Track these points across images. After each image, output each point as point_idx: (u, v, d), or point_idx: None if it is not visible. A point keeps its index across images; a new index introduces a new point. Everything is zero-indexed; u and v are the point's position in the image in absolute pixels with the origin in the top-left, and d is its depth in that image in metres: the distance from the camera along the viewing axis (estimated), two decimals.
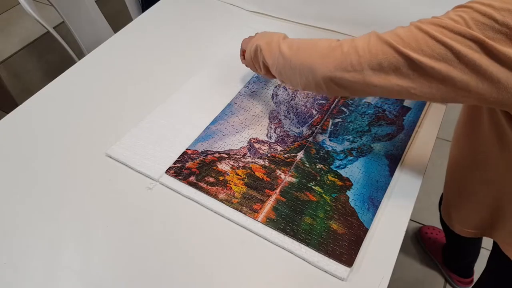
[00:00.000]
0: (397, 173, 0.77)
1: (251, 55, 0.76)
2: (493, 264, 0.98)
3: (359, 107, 0.89)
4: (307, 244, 0.66)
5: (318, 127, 0.85)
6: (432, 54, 0.50)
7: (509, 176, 0.66)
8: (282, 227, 0.68)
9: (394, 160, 0.78)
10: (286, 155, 0.79)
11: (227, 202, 0.71)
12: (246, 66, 0.83)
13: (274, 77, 0.74)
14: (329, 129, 0.84)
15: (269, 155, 0.79)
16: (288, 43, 0.68)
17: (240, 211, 0.70)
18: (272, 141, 0.82)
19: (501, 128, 0.62)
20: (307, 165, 0.77)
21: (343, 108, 0.88)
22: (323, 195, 0.73)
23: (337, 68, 0.57)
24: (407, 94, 0.54)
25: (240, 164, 0.77)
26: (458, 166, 0.78)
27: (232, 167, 0.77)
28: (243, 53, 0.84)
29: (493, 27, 0.46)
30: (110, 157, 0.79)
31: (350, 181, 0.75)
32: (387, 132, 0.84)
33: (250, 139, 0.82)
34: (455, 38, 0.48)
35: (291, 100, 0.91)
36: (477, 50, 0.47)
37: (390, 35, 0.53)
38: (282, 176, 0.76)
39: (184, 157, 0.79)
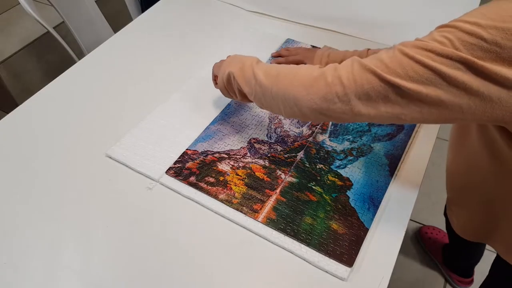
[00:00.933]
0: (397, 173, 0.77)
1: (224, 83, 0.73)
2: (494, 270, 0.98)
3: None
4: (308, 244, 0.66)
5: (318, 127, 0.85)
6: (420, 80, 0.48)
7: (501, 184, 0.65)
8: (282, 227, 0.68)
9: (394, 160, 0.78)
10: (286, 155, 0.79)
11: (227, 202, 0.71)
12: (220, 91, 0.79)
13: (251, 101, 0.71)
14: (329, 129, 0.84)
15: (269, 155, 0.79)
16: (264, 70, 0.65)
17: (241, 211, 0.70)
18: (272, 141, 0.82)
19: (490, 137, 0.61)
20: (307, 165, 0.77)
21: None
22: (324, 195, 0.73)
23: (322, 100, 0.55)
24: (398, 120, 0.53)
25: (240, 164, 0.77)
26: (454, 172, 0.78)
27: (232, 167, 0.77)
28: (215, 78, 0.80)
29: (482, 46, 0.44)
30: (110, 157, 0.79)
31: (350, 181, 0.75)
32: (387, 132, 0.84)
33: (250, 139, 0.82)
34: (442, 61, 0.46)
35: None
36: (466, 72, 0.45)
37: (374, 62, 0.51)
38: (282, 176, 0.76)
39: (184, 157, 0.79)
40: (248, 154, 0.79)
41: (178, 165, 0.77)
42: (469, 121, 0.51)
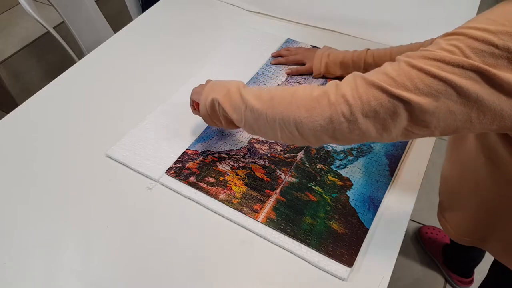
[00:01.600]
0: (397, 173, 0.77)
1: (207, 110, 0.68)
2: (492, 272, 0.98)
3: None
4: (308, 244, 0.66)
5: None
6: (430, 92, 0.45)
7: (502, 190, 0.65)
8: (282, 227, 0.68)
9: (394, 160, 0.78)
10: (286, 155, 0.79)
11: (227, 202, 0.71)
12: (203, 118, 0.74)
13: (237, 127, 0.68)
14: None
15: (269, 155, 0.79)
16: (254, 94, 0.61)
17: (241, 211, 0.70)
18: (272, 141, 0.82)
19: (489, 144, 0.60)
20: (307, 165, 0.77)
21: None
22: (324, 195, 0.73)
23: (327, 122, 0.52)
24: (406, 136, 0.51)
25: (240, 164, 0.77)
26: (449, 177, 0.77)
27: (232, 167, 0.77)
28: (194, 104, 0.76)
29: (493, 53, 0.43)
30: (110, 157, 0.79)
31: (350, 181, 0.75)
32: None
33: (250, 139, 0.82)
34: (453, 71, 0.44)
35: None
36: (478, 81, 0.43)
37: (379, 76, 0.49)
38: (282, 176, 0.76)
39: (184, 157, 0.79)
40: (248, 154, 0.79)
41: (178, 165, 0.77)
42: (477, 132, 0.49)
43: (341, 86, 0.52)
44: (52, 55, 1.74)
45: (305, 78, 0.96)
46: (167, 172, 0.76)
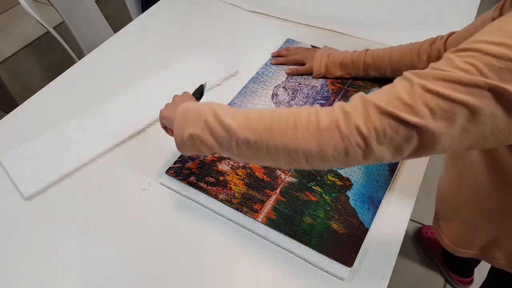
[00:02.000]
0: (397, 173, 0.77)
1: (186, 145, 0.60)
2: (492, 273, 0.97)
3: None
4: (307, 244, 0.66)
5: None
6: (446, 116, 0.43)
7: (498, 196, 0.64)
8: (282, 227, 0.68)
9: None
10: None
11: (227, 202, 0.71)
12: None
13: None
14: None
15: None
16: (245, 123, 0.54)
17: (240, 211, 0.70)
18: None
19: (494, 154, 0.59)
20: None
21: None
22: (323, 195, 0.73)
23: (342, 154, 0.49)
24: (418, 155, 0.49)
25: (240, 164, 0.77)
26: (447, 185, 0.77)
27: (232, 167, 0.77)
28: (164, 127, 0.70)
29: (511, 69, 0.41)
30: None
31: (350, 181, 0.75)
32: None
33: None
34: (470, 91, 0.42)
35: (291, 100, 0.91)
36: (493, 100, 0.42)
37: (393, 102, 0.46)
38: (282, 176, 0.76)
39: (184, 157, 0.79)
40: None
41: (178, 165, 0.77)
42: (491, 146, 0.48)
43: (352, 115, 0.49)
44: (52, 55, 1.74)
45: (305, 78, 0.96)
46: (167, 172, 0.76)
